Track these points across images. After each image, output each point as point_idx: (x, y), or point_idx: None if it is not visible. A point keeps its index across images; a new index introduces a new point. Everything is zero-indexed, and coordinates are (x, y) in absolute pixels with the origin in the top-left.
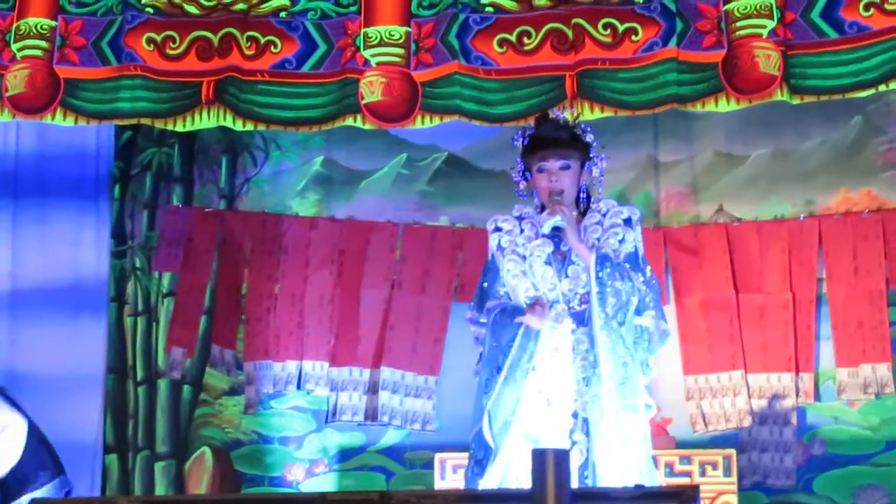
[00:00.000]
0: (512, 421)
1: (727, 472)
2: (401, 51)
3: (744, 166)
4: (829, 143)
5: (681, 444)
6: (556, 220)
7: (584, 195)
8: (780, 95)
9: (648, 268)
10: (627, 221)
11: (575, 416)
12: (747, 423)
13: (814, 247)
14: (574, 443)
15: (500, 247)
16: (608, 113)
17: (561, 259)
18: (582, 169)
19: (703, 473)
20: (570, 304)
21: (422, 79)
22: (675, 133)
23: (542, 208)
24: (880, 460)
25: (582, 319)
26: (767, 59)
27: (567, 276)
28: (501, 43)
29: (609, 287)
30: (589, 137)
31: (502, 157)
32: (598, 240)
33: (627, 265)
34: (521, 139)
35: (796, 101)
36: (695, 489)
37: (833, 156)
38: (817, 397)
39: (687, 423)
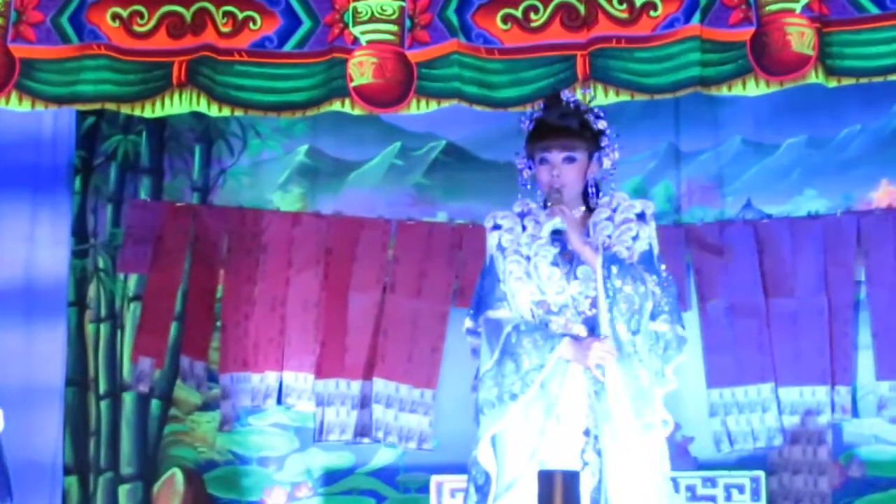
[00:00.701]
0: (536, 449)
1: (755, 496)
2: (394, 28)
3: (774, 156)
4: (870, 130)
5: (703, 465)
6: (556, 222)
7: (594, 189)
8: (815, 77)
9: (663, 267)
10: (641, 216)
11: (587, 433)
12: (778, 441)
13: (852, 246)
14: (586, 463)
15: (500, 246)
16: (624, 97)
17: (569, 259)
18: (591, 160)
19: (728, 497)
20: (580, 309)
21: (417, 59)
22: (699, 119)
23: (546, 203)
24: None
25: (593, 326)
26: (801, 37)
27: (577, 279)
28: (506, 19)
29: (620, 293)
30: (601, 124)
31: (506, 146)
32: (609, 237)
33: (640, 266)
34: (527, 122)
35: (833, 83)
36: None
37: (874, 144)
38: (855, 413)
39: (710, 441)
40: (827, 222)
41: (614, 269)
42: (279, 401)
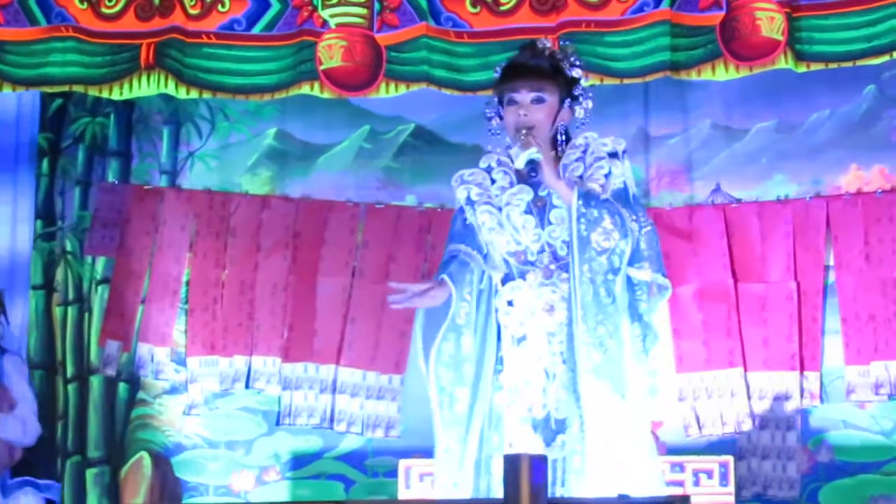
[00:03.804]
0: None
1: (724, 481)
2: (363, 11)
3: (744, 141)
4: (839, 115)
5: (672, 450)
6: (532, 152)
7: (563, 137)
8: (785, 62)
9: (642, 210)
10: (613, 154)
11: (546, 374)
12: (746, 426)
13: (821, 231)
14: (543, 405)
15: (469, 200)
16: (593, 81)
17: (542, 206)
18: (562, 105)
19: (696, 482)
20: (557, 255)
21: (386, 42)
22: (668, 104)
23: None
24: (893, 468)
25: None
26: (770, 22)
27: (550, 223)
28: (475, 2)
29: (597, 229)
30: (575, 72)
31: (475, 129)
32: (581, 178)
33: (618, 203)
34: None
35: (802, 68)
36: (686, 500)
37: (843, 129)
38: (824, 398)
39: (679, 426)
40: (796, 207)
41: (592, 205)
42: (247, 385)
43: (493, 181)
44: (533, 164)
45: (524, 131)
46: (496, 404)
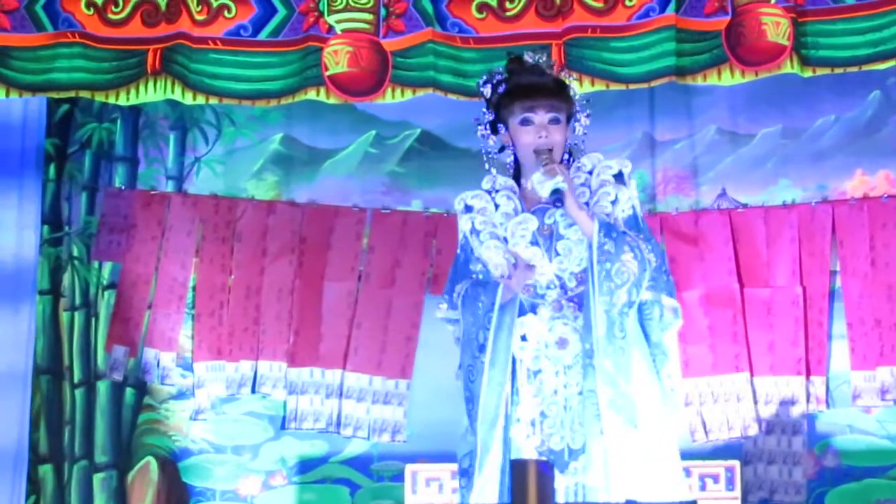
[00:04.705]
0: (499, 414)
1: (730, 486)
2: (369, 16)
3: (749, 146)
4: (844, 120)
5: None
6: (558, 180)
7: (568, 156)
8: (790, 67)
9: (647, 228)
10: (618, 177)
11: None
12: (752, 431)
13: (827, 236)
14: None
15: (474, 230)
16: (599, 86)
17: (548, 235)
18: (568, 125)
19: (703, 487)
20: (567, 287)
21: (392, 48)
22: (674, 109)
23: (517, 171)
24: None
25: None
26: (776, 27)
27: (558, 255)
28: (481, 8)
29: (618, 262)
30: (574, 88)
31: None
32: (587, 204)
33: (633, 233)
34: (490, 85)
35: (808, 73)
36: None
37: (848, 134)
38: (830, 403)
39: (686, 431)
40: (801, 212)
41: (612, 237)
42: (254, 389)
43: (496, 206)
44: (559, 194)
45: (546, 156)
46: (512, 436)
